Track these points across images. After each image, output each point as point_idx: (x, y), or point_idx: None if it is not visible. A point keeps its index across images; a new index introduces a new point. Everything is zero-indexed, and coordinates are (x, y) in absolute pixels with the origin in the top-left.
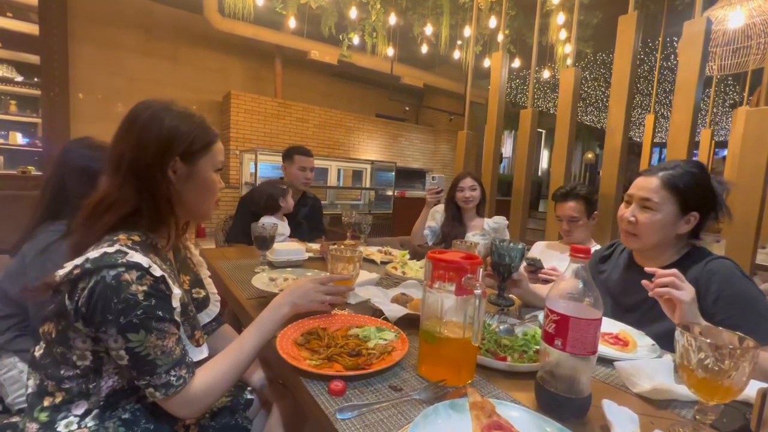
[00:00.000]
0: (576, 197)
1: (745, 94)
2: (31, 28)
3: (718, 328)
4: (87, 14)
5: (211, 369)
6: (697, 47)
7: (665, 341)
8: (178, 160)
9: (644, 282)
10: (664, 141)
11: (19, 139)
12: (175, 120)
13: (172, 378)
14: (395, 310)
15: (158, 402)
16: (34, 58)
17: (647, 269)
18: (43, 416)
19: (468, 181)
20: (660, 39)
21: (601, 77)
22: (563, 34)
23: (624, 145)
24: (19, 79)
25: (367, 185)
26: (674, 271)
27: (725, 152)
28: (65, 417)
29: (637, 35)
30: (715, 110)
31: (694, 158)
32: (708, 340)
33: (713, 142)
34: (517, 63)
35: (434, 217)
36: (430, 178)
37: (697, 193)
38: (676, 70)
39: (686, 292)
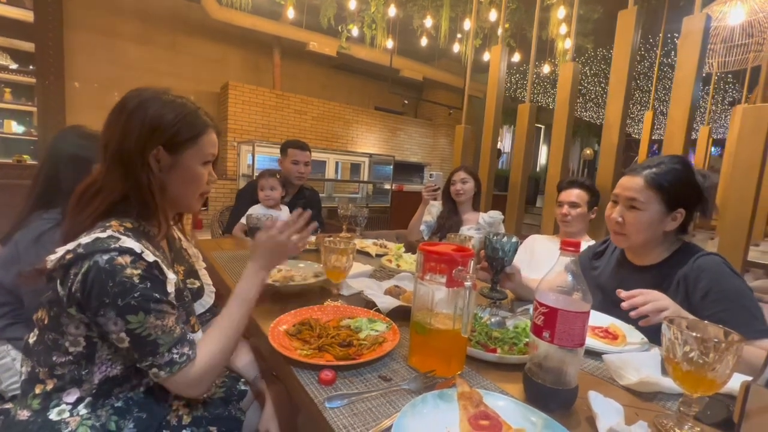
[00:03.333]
0: (582, 186)
1: (744, 92)
2: (26, 15)
3: (704, 322)
4: (82, 1)
5: (209, 346)
6: (696, 43)
7: (656, 336)
8: (162, 149)
9: (624, 306)
10: (662, 138)
11: (13, 127)
12: (162, 109)
13: (175, 356)
14: (387, 302)
15: (162, 382)
16: (28, 46)
17: (619, 293)
18: (36, 403)
19: (460, 174)
20: (660, 35)
21: (601, 73)
22: (563, 29)
23: (621, 141)
24: (14, 66)
25: (365, 178)
26: (640, 291)
27: (720, 150)
28: (57, 405)
29: (637, 30)
30: (714, 108)
31: (690, 155)
32: (694, 334)
33: (711, 139)
34: (516, 57)
35: (430, 211)
36: (428, 175)
37: (682, 190)
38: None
39: (670, 309)
